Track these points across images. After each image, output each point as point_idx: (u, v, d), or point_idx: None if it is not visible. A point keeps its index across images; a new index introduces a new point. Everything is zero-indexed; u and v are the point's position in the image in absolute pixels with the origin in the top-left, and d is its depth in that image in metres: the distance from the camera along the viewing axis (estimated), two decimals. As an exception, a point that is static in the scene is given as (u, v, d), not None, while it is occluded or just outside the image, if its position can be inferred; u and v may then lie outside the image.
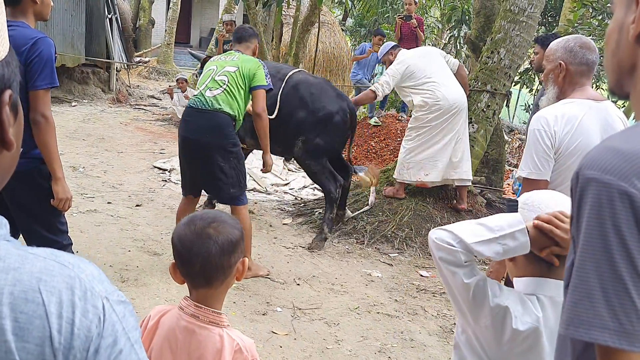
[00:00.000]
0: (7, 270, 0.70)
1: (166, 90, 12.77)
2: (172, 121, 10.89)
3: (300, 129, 5.26)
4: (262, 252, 5.02)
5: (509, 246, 1.46)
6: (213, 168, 4.08)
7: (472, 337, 1.57)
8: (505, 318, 1.48)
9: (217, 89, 4.10)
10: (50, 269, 0.72)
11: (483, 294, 1.50)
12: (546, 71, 2.66)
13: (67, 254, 0.77)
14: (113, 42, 12.78)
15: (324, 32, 14.56)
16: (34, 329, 0.68)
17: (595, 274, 0.88)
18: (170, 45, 17.30)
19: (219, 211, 1.71)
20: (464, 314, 1.55)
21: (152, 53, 19.07)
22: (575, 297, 0.90)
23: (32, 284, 0.70)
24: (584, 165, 0.92)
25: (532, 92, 13.48)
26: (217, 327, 1.61)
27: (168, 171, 7.33)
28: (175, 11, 17.00)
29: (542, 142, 2.49)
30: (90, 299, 0.73)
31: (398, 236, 5.51)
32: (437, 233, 1.51)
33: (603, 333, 0.86)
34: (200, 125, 4.07)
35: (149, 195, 6.29)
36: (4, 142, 0.76)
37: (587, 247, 0.90)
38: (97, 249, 4.54)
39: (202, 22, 24.76)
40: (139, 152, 8.29)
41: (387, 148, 8.70)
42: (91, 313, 0.72)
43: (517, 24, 5.94)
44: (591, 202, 0.90)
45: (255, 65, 4.16)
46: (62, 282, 0.72)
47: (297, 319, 3.84)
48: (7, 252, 0.72)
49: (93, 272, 0.76)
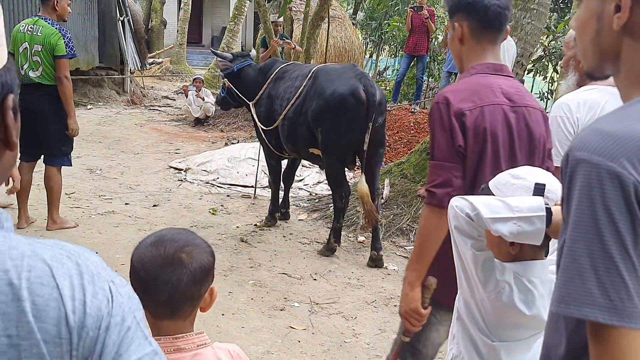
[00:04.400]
0: (21, 257, 0.75)
1: (181, 89, 12.89)
2: (186, 121, 10.97)
3: (317, 119, 4.78)
4: (278, 248, 5.06)
5: (524, 229, 1.45)
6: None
7: (473, 306, 1.62)
8: (509, 294, 1.52)
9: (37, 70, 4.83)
10: (59, 257, 0.78)
11: (491, 268, 1.52)
12: (567, 57, 2.63)
13: (71, 244, 0.83)
14: (126, 44, 12.88)
15: (335, 27, 14.53)
16: (50, 310, 0.74)
17: (586, 252, 0.90)
18: (182, 46, 17.39)
19: (188, 231, 1.52)
20: (470, 283, 1.58)
21: (164, 54, 19.19)
22: (566, 275, 0.92)
23: (46, 269, 0.76)
24: (574, 147, 0.94)
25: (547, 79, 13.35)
26: (207, 347, 1.48)
27: (184, 171, 7.39)
28: (186, 11, 17.08)
29: (564, 128, 2.46)
30: (97, 282, 0.79)
31: (414, 229, 5.51)
32: (458, 201, 1.53)
33: (593, 309, 0.88)
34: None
35: (165, 195, 6.35)
36: (9, 144, 0.80)
37: (578, 227, 0.92)
38: (116, 250, 4.61)
39: (214, 22, 24.85)
40: (154, 152, 8.38)
41: (401, 141, 8.68)
42: (100, 294, 0.78)
43: (528, 12, 5.89)
44: (581, 182, 0.91)
45: (56, 37, 4.75)
46: (72, 268, 0.78)
47: (315, 314, 3.87)
48: (18, 241, 0.77)
49: (96, 260, 0.82)
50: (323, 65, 5.43)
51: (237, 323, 3.67)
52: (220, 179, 7.10)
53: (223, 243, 5.02)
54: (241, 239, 5.16)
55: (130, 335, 0.80)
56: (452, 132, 1.91)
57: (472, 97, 1.94)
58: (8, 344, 0.73)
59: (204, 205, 6.10)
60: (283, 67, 5.44)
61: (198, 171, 7.35)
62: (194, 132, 10.31)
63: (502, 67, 2.06)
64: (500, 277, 1.53)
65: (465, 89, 1.98)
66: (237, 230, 5.44)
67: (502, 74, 2.05)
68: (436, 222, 1.91)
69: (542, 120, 2.08)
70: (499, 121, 1.95)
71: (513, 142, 1.99)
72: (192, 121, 10.83)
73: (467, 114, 1.91)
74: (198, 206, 6.07)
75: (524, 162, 1.97)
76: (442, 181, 1.91)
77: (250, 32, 23.44)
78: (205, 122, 10.82)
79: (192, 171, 7.37)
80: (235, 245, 5.02)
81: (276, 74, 5.36)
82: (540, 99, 14.46)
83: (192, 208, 5.99)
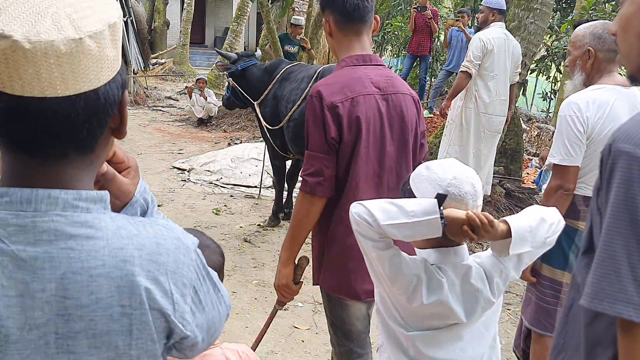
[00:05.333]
0: (130, 237, 0.86)
1: (186, 90, 12.90)
2: (189, 121, 10.99)
3: None
4: (282, 248, 5.06)
5: (420, 232, 1.51)
6: None
7: (387, 300, 1.66)
8: (417, 287, 1.56)
9: None
10: (160, 233, 0.90)
11: (397, 266, 1.56)
12: (572, 57, 2.62)
13: (162, 219, 0.98)
14: (129, 44, 12.90)
15: (338, 27, 14.50)
16: (158, 285, 0.87)
17: (624, 249, 0.88)
18: (185, 46, 17.41)
19: (198, 231, 1.56)
20: (381, 281, 1.63)
21: (167, 54, 19.21)
22: (601, 271, 0.90)
23: (153, 247, 0.88)
24: (618, 138, 0.91)
25: (550, 79, 13.33)
26: (215, 347, 1.51)
27: (187, 171, 7.41)
28: (189, 12, 17.10)
29: (574, 127, 2.45)
30: (187, 253, 0.92)
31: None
32: (356, 208, 1.57)
33: (627, 307, 0.87)
34: None
35: (169, 195, 6.37)
36: (120, 133, 0.91)
37: (615, 222, 0.89)
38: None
39: (217, 22, 24.86)
40: (158, 153, 8.39)
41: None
42: (190, 266, 0.92)
43: (531, 12, 5.89)
44: (620, 175, 0.89)
45: None
46: (171, 244, 0.90)
47: (319, 314, 3.88)
48: (123, 221, 0.88)
49: (179, 229, 0.96)
50: (328, 66, 5.43)
51: (241, 323, 3.68)
52: (223, 179, 7.11)
53: (226, 243, 5.03)
54: (245, 239, 5.17)
55: (211, 295, 0.98)
56: (325, 125, 2.02)
57: (343, 90, 2.05)
58: (121, 313, 0.84)
59: (208, 206, 6.11)
60: (288, 67, 5.43)
61: (201, 171, 7.36)
62: (197, 132, 10.33)
63: (371, 57, 2.16)
64: (407, 272, 1.56)
65: (336, 82, 2.09)
66: (240, 230, 5.45)
67: (371, 63, 2.15)
68: (307, 208, 2.10)
69: (413, 104, 2.19)
70: (370, 110, 2.07)
71: (384, 129, 2.10)
72: (195, 121, 10.85)
73: (339, 106, 2.02)
74: (201, 206, 6.08)
75: (395, 148, 2.12)
76: (314, 171, 2.05)
77: (253, 33, 23.44)
78: (208, 122, 10.84)
79: (195, 171, 7.39)
80: (239, 246, 5.03)
81: (281, 74, 5.35)
82: (543, 99, 14.46)
83: (195, 208, 6.00)
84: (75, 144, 0.84)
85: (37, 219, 0.81)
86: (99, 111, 0.84)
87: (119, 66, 0.87)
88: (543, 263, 2.63)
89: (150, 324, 0.86)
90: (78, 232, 0.82)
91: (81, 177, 0.86)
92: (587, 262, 1.04)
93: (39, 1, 0.78)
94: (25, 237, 0.80)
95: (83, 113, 0.81)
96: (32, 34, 0.76)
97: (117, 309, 0.83)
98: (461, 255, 1.63)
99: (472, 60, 5.33)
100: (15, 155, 0.83)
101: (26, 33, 0.75)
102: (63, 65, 0.78)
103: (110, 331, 0.83)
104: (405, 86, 2.23)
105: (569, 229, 2.58)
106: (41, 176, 0.83)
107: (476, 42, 5.35)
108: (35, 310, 0.80)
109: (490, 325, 1.69)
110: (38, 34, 0.76)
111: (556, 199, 2.49)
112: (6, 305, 0.79)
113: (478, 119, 5.53)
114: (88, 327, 0.82)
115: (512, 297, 4.48)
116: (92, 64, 0.81)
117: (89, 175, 0.88)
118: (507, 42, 5.41)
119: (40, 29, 0.76)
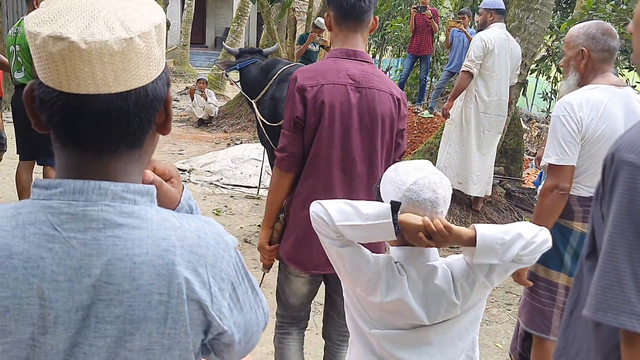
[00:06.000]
0: (173, 228, 0.90)
1: (186, 91, 12.90)
2: (189, 122, 11.00)
3: None
4: (282, 248, 5.06)
5: (374, 234, 1.53)
6: None
7: (352, 296, 1.69)
8: (377, 284, 1.58)
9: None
10: (201, 227, 0.94)
11: (357, 263, 1.59)
12: (567, 58, 2.63)
13: (202, 216, 1.00)
14: (129, 45, 12.89)
15: (338, 28, 14.50)
16: (197, 275, 0.90)
17: (627, 260, 0.87)
18: (186, 47, 17.43)
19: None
20: (343, 277, 1.66)
21: (168, 55, 19.23)
22: (604, 282, 0.89)
23: (195, 240, 0.91)
24: (621, 147, 0.90)
25: (550, 79, 13.32)
26: None
27: (187, 172, 7.41)
28: (190, 12, 17.10)
29: (568, 127, 2.45)
30: (226, 249, 0.96)
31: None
32: (315, 207, 1.60)
33: (631, 319, 0.86)
34: None
35: (169, 196, 6.37)
36: (165, 129, 0.95)
37: (618, 232, 0.88)
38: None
39: (217, 22, 24.88)
40: (158, 153, 8.39)
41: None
42: (229, 262, 0.95)
43: (531, 12, 5.89)
44: (624, 184, 0.88)
45: None
46: (212, 238, 0.94)
47: (319, 314, 3.87)
48: (167, 214, 0.92)
49: (220, 226, 0.99)
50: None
51: (241, 323, 3.68)
52: (224, 179, 7.12)
53: (227, 244, 5.03)
54: (245, 240, 5.17)
55: (249, 295, 1.01)
56: (293, 104, 2.22)
57: (316, 77, 2.23)
58: (159, 301, 0.87)
59: (208, 206, 6.12)
60: (286, 68, 5.41)
61: (202, 172, 7.37)
62: (197, 132, 10.33)
63: (357, 52, 2.29)
64: (367, 269, 1.58)
65: (313, 69, 2.28)
66: (240, 230, 5.45)
67: (355, 58, 2.28)
68: (276, 180, 2.31)
69: (391, 101, 2.29)
70: (337, 98, 2.21)
71: (351, 118, 2.23)
72: (196, 122, 10.86)
73: (308, 89, 2.20)
74: (202, 207, 6.07)
75: (362, 137, 2.25)
76: (281, 146, 2.26)
77: (254, 33, 23.45)
78: (208, 123, 10.84)
79: (195, 172, 7.39)
80: (239, 246, 5.03)
81: (279, 75, 5.33)
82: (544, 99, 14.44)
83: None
84: (125, 139, 0.89)
85: (88, 208, 0.86)
86: (147, 107, 0.89)
87: (164, 65, 0.92)
88: (538, 264, 2.62)
89: (186, 315, 0.89)
90: (125, 221, 0.87)
91: (130, 171, 0.91)
92: (590, 266, 1.03)
93: (91, 6, 0.84)
94: (76, 225, 0.85)
95: (133, 109, 0.87)
96: (87, 35, 0.81)
97: (156, 297, 0.86)
98: (427, 255, 1.63)
99: (473, 59, 5.33)
100: (70, 150, 0.88)
101: (81, 34, 0.81)
102: (115, 63, 0.83)
103: (146, 318, 0.86)
104: (387, 84, 2.32)
105: (563, 229, 2.58)
106: (93, 169, 0.88)
107: (477, 42, 5.36)
108: (82, 294, 0.85)
109: (465, 336, 1.67)
110: (92, 35, 0.81)
111: (552, 199, 2.49)
112: (55, 289, 0.84)
113: (478, 119, 5.54)
114: (126, 312, 0.86)
115: (512, 298, 4.48)
116: (142, 62, 0.86)
117: (137, 170, 0.93)
118: (508, 42, 5.43)
119: (94, 30, 0.82)
